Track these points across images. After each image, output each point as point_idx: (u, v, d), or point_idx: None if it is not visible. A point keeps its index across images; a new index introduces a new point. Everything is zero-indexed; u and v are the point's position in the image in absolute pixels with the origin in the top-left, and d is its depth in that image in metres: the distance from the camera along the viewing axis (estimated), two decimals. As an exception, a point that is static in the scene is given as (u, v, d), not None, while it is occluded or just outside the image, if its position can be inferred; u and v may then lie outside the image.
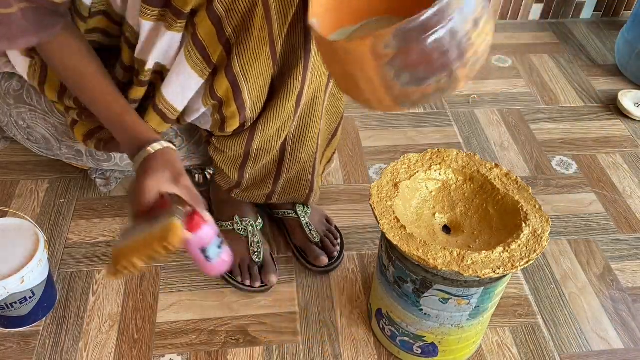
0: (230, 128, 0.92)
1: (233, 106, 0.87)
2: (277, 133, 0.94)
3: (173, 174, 0.79)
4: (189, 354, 0.99)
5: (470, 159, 0.93)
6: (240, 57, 0.81)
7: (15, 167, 1.30)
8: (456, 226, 0.89)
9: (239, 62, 0.82)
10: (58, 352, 0.98)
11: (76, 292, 1.07)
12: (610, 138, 1.46)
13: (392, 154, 1.39)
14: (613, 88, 1.62)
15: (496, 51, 1.76)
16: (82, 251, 1.13)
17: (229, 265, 0.83)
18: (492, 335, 1.03)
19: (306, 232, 1.12)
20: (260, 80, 0.85)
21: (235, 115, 0.89)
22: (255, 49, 0.81)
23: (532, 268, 1.15)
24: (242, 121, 0.90)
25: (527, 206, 0.85)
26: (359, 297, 1.08)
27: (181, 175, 0.79)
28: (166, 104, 0.88)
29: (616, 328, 1.05)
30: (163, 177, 0.78)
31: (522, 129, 1.47)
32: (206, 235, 0.79)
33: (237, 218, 1.11)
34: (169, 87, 0.86)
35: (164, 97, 0.87)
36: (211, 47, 0.81)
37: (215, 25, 0.78)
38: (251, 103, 0.88)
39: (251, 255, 1.08)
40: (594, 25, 1.90)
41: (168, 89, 0.86)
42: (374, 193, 0.87)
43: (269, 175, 1.03)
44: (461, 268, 0.77)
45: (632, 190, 1.32)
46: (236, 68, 0.82)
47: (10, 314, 0.98)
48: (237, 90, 0.85)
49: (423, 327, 0.90)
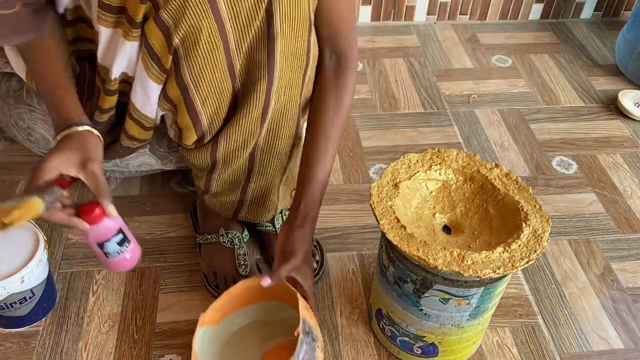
0: (187, 141, 0.91)
1: (187, 117, 0.87)
2: (243, 145, 0.92)
3: (82, 158, 0.77)
4: (189, 354, 0.98)
5: (470, 159, 0.93)
6: (191, 68, 0.81)
7: (15, 167, 1.30)
8: (456, 226, 0.89)
9: (189, 72, 0.81)
10: (58, 352, 0.98)
11: (76, 292, 1.07)
12: (610, 138, 1.46)
13: (392, 154, 1.39)
14: (613, 88, 1.62)
15: (496, 51, 1.76)
16: (82, 251, 1.13)
17: (132, 265, 0.82)
18: (492, 335, 1.03)
19: None
20: (215, 93, 0.84)
21: (190, 127, 0.88)
22: (207, 62, 0.81)
23: (532, 268, 1.15)
24: (199, 135, 0.90)
25: (527, 206, 0.85)
26: (359, 297, 1.08)
27: (92, 161, 0.77)
28: (139, 113, 0.89)
29: (616, 328, 1.05)
30: (69, 159, 0.76)
31: (522, 129, 1.47)
32: (105, 229, 0.78)
33: (223, 230, 1.09)
34: (136, 96, 0.86)
35: (135, 106, 0.88)
36: (163, 56, 0.80)
37: (164, 34, 0.78)
38: (207, 116, 0.87)
39: (237, 267, 1.07)
40: (594, 25, 1.90)
41: (136, 98, 0.87)
42: (374, 193, 0.87)
43: (237, 183, 1.01)
44: (461, 268, 0.77)
45: (632, 190, 1.32)
46: (186, 77, 0.82)
47: (10, 314, 0.98)
48: (188, 99, 0.84)
49: (423, 327, 0.90)
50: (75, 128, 0.80)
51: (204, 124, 0.88)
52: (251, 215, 1.08)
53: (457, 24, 1.88)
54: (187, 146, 0.93)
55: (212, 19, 0.77)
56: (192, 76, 0.82)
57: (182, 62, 0.81)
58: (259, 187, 1.02)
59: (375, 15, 1.85)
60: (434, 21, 1.88)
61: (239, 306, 0.95)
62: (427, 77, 1.64)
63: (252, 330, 0.96)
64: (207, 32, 0.78)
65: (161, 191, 1.27)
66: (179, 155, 1.09)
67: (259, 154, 0.95)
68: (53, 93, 0.84)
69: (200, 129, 0.89)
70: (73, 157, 0.77)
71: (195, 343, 0.87)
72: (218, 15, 0.76)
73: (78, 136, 0.79)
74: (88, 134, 0.80)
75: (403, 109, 1.53)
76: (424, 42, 1.79)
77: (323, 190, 0.92)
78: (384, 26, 1.86)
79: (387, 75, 1.64)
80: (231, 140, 0.90)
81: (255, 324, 0.97)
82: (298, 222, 0.89)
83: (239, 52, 0.81)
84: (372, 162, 1.36)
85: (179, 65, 0.81)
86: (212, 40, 0.79)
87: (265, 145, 0.94)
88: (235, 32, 0.79)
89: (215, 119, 0.88)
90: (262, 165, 0.97)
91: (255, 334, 0.96)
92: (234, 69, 0.83)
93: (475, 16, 1.89)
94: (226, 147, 0.91)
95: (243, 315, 0.96)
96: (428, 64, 1.69)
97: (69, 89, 0.85)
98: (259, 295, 0.92)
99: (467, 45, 1.78)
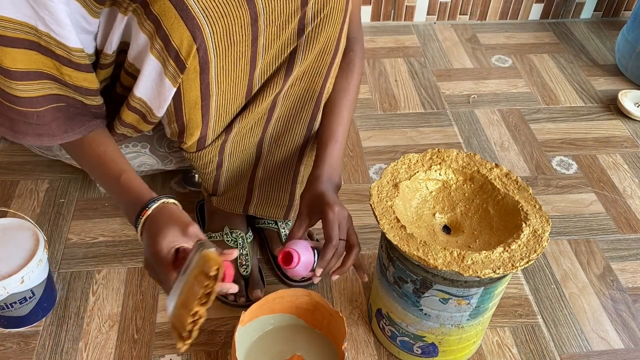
0: (188, 140, 0.89)
1: (198, 115, 0.85)
2: (252, 133, 0.92)
3: (180, 227, 0.75)
4: (189, 354, 0.98)
5: (470, 159, 0.93)
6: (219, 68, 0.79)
7: (15, 167, 1.30)
8: (456, 226, 0.89)
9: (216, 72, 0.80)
10: (58, 352, 0.98)
11: (76, 292, 1.07)
12: (610, 138, 1.46)
13: (392, 154, 1.39)
14: (613, 88, 1.62)
15: (496, 51, 1.76)
16: (82, 251, 1.13)
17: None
18: (492, 335, 1.03)
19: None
20: (231, 92, 0.84)
21: (198, 125, 0.86)
22: (234, 62, 0.80)
23: (532, 268, 1.15)
24: (202, 134, 0.88)
25: (527, 206, 0.85)
26: (359, 297, 1.08)
27: (188, 226, 0.75)
28: (139, 100, 0.84)
29: (616, 328, 1.05)
30: (171, 233, 0.74)
31: (522, 129, 1.47)
32: (304, 267, 0.86)
33: (227, 229, 1.10)
34: (139, 86, 0.82)
35: (135, 94, 0.84)
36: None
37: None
38: (216, 114, 0.85)
39: (239, 268, 1.07)
40: (594, 25, 1.90)
41: (139, 87, 0.82)
42: (374, 193, 0.87)
43: (245, 175, 1.00)
44: (461, 268, 0.77)
45: (632, 190, 1.32)
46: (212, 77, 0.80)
47: (10, 314, 0.98)
48: (206, 99, 0.83)
49: (423, 327, 0.90)
50: (152, 206, 0.78)
51: (210, 124, 0.87)
52: (261, 210, 1.07)
53: (457, 24, 1.88)
54: (187, 147, 0.92)
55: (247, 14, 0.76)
56: (218, 75, 0.80)
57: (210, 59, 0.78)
58: (267, 176, 1.01)
59: (375, 15, 1.85)
60: (434, 21, 1.88)
61: (269, 312, 0.97)
62: (427, 77, 1.64)
63: (277, 336, 0.99)
64: (240, 27, 0.76)
65: (161, 191, 1.27)
66: (180, 155, 1.09)
67: (267, 143, 0.95)
68: (117, 183, 0.83)
69: (205, 129, 0.88)
70: (173, 231, 0.75)
71: (236, 338, 0.89)
72: (254, 11, 0.76)
73: (162, 212, 0.78)
74: (167, 205, 0.79)
75: (403, 109, 1.53)
76: (424, 42, 1.79)
77: (341, 155, 0.94)
78: (383, 26, 1.85)
79: (387, 75, 1.64)
80: (240, 130, 0.90)
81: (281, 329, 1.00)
82: (323, 178, 0.90)
83: (265, 53, 0.81)
84: (372, 162, 1.36)
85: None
86: (243, 38, 0.77)
87: (275, 133, 0.94)
88: (267, 31, 0.78)
89: (224, 115, 0.87)
90: (270, 153, 0.97)
91: (280, 339, 0.99)
92: (255, 70, 0.83)
93: (475, 16, 1.89)
94: (234, 138, 0.91)
95: (272, 320, 0.99)
96: (428, 64, 1.69)
97: (127, 170, 0.83)
98: (284, 307, 0.97)
99: (467, 45, 1.78)
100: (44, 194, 1.24)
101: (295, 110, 0.93)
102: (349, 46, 0.97)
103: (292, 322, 0.99)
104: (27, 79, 0.76)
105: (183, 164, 1.13)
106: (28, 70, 0.76)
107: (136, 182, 0.82)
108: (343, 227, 0.86)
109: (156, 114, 0.84)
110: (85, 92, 0.81)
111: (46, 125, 0.81)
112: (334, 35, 0.86)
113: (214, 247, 0.71)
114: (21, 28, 0.72)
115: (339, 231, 0.85)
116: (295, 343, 0.98)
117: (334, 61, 0.90)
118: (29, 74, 0.76)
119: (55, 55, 0.75)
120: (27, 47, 0.74)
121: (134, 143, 1.04)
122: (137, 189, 0.82)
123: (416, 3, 1.83)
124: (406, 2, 1.83)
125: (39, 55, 0.75)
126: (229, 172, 0.99)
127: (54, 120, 0.82)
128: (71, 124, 0.83)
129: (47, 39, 0.73)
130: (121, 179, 0.82)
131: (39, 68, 0.76)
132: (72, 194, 1.24)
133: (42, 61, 0.76)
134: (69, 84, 0.79)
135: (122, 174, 0.83)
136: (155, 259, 0.75)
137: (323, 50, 0.86)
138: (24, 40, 0.73)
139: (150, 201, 0.78)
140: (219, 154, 0.93)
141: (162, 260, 0.74)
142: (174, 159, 1.10)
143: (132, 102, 0.84)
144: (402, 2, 1.83)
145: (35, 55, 0.75)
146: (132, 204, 0.80)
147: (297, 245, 0.85)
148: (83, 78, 0.79)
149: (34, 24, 0.72)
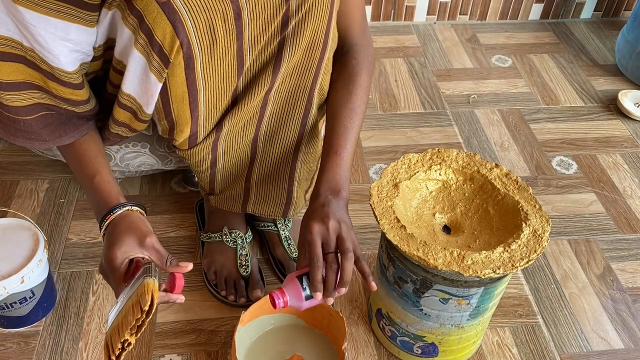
0: (178, 137, 0.89)
1: (187, 112, 0.84)
2: (244, 131, 0.92)
3: (138, 236, 0.78)
4: (189, 354, 0.99)
5: (470, 159, 0.93)
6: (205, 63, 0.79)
7: (15, 167, 1.30)
8: (456, 226, 0.89)
9: (201, 67, 0.80)
10: (58, 352, 0.98)
11: (76, 292, 1.07)
12: (610, 138, 1.46)
13: (392, 154, 1.39)
14: (613, 88, 1.62)
15: (496, 51, 1.76)
16: (82, 251, 1.13)
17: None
18: (492, 335, 1.03)
19: (285, 246, 1.11)
20: (219, 88, 0.84)
21: (187, 122, 0.86)
22: (221, 57, 0.79)
23: (532, 268, 1.15)
24: (192, 131, 0.88)
25: (527, 206, 0.85)
26: (359, 297, 1.08)
27: (146, 236, 0.78)
28: (128, 97, 0.84)
29: (616, 328, 1.05)
30: (127, 243, 0.77)
31: (522, 129, 1.47)
32: (294, 294, 0.82)
33: (226, 229, 1.10)
34: (126, 82, 0.82)
35: (124, 91, 0.83)
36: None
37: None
38: (205, 111, 0.85)
39: (238, 268, 1.07)
40: (594, 25, 1.90)
41: (126, 83, 0.82)
42: (374, 193, 0.87)
43: (241, 174, 1.00)
44: (461, 268, 0.77)
45: (632, 190, 1.32)
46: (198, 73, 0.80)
47: (10, 314, 0.98)
48: (194, 94, 0.82)
49: (423, 327, 0.90)
50: (117, 212, 0.80)
51: (200, 120, 0.87)
52: (260, 208, 1.06)
53: (457, 24, 1.88)
54: (179, 144, 0.91)
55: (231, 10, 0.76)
56: (204, 71, 0.80)
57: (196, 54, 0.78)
58: (263, 174, 1.01)
59: (375, 15, 1.85)
60: (434, 21, 1.88)
61: (269, 312, 0.97)
62: (427, 77, 1.64)
63: (277, 336, 0.99)
64: (222, 25, 0.76)
65: (161, 191, 1.27)
66: (180, 155, 1.09)
67: (262, 140, 0.95)
68: (91, 184, 0.85)
69: (195, 125, 0.87)
70: (130, 240, 0.77)
71: (236, 338, 0.90)
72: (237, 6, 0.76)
73: (124, 220, 0.80)
74: (131, 213, 0.81)
75: (403, 109, 1.53)
76: (424, 42, 1.79)
77: (350, 158, 0.91)
78: (383, 26, 1.85)
79: (387, 75, 1.64)
80: (231, 128, 0.90)
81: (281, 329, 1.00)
82: (320, 192, 0.87)
83: (252, 49, 0.81)
84: (372, 162, 1.36)
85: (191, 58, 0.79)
86: (227, 36, 0.78)
87: (269, 130, 0.94)
88: (251, 25, 0.78)
89: (214, 111, 0.87)
90: (265, 150, 0.97)
91: (280, 339, 0.99)
92: (243, 66, 0.83)
93: (475, 16, 1.89)
94: (226, 135, 0.91)
95: (272, 319, 0.99)
96: (428, 64, 1.69)
97: (102, 172, 0.86)
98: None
99: (467, 45, 1.78)
100: (44, 194, 1.24)
101: (288, 107, 0.92)
102: (351, 54, 0.95)
103: (292, 322, 0.99)
104: (15, 90, 0.79)
105: (183, 164, 1.13)
106: (16, 82, 0.78)
107: (107, 186, 0.85)
108: (329, 239, 0.82)
109: (146, 111, 0.85)
110: (73, 103, 0.83)
111: (35, 132, 0.84)
112: (321, 29, 0.85)
113: (157, 273, 0.75)
114: (7, 43, 0.74)
115: (327, 244, 0.81)
116: (295, 343, 0.98)
117: (324, 56, 0.89)
118: (17, 84, 0.78)
119: (40, 69, 0.77)
120: (14, 60, 0.76)
121: (133, 143, 1.04)
122: (106, 192, 0.84)
123: (416, 3, 1.83)
124: (406, 2, 1.83)
125: (25, 67, 0.77)
126: (224, 171, 0.99)
127: (44, 127, 0.84)
128: (65, 129, 0.86)
129: (32, 54, 0.76)
130: (95, 180, 0.85)
131: (27, 79, 0.78)
132: (72, 194, 1.24)
133: (29, 73, 0.78)
134: (56, 95, 0.81)
135: (96, 175, 0.85)
136: (109, 266, 0.78)
137: (310, 45, 0.86)
138: (10, 54, 0.75)
139: (115, 207, 0.81)
140: (212, 152, 0.93)
141: (114, 270, 0.77)
142: (173, 158, 1.10)
143: (122, 99, 0.84)
144: (402, 2, 1.83)
145: (22, 67, 0.77)
146: (99, 207, 0.83)
147: (287, 282, 0.84)
148: (70, 92, 0.81)
149: (19, 40, 0.74)
